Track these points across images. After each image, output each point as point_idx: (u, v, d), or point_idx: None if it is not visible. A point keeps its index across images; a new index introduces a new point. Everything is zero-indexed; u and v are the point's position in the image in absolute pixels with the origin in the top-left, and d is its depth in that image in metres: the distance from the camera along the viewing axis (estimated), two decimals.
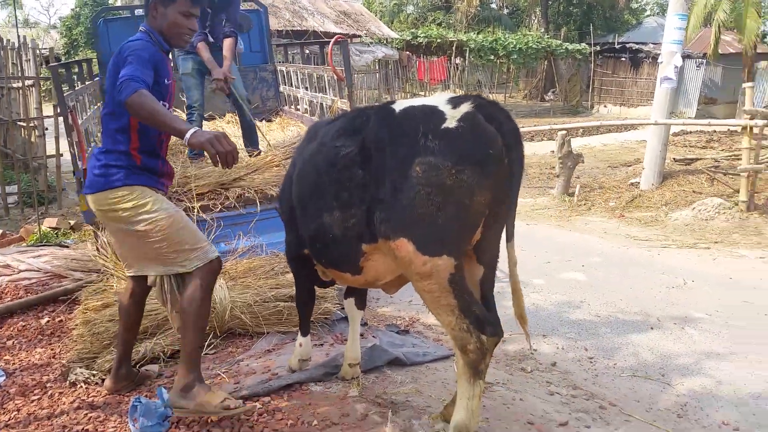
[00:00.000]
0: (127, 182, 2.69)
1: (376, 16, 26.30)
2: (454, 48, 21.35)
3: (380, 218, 2.18)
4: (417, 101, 2.31)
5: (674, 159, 9.37)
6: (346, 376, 3.12)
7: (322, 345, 3.67)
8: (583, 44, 24.51)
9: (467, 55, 21.56)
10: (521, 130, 2.29)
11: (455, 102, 2.17)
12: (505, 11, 34.01)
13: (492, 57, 22.06)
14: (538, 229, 6.90)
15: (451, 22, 30.18)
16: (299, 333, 3.22)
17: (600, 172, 10.07)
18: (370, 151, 2.23)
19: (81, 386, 3.21)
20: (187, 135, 2.39)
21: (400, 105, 2.30)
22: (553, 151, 11.01)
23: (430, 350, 3.63)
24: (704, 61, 19.97)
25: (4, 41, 8.13)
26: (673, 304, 4.62)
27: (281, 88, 7.00)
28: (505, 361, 3.66)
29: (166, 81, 2.77)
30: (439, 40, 21.38)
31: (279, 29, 17.87)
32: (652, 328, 4.20)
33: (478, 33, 23.72)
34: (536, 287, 5.00)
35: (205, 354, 3.58)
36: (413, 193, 2.08)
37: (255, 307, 3.90)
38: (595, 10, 31.21)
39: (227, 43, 4.84)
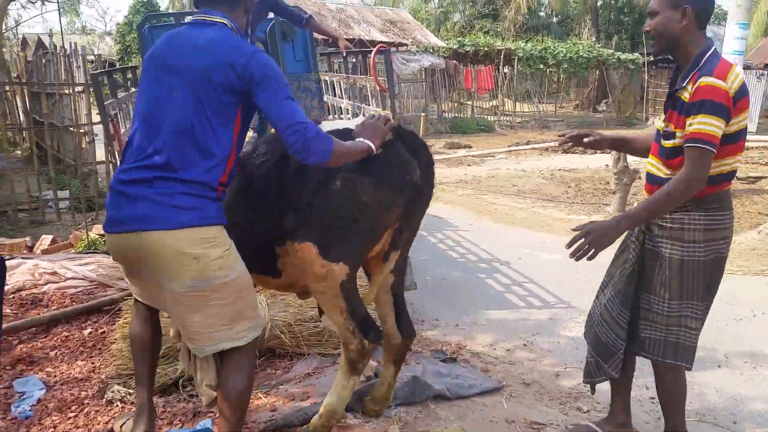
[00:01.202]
0: (221, 221, 2.16)
1: (422, 24, 26.17)
2: (501, 56, 21.03)
3: (291, 222, 2.33)
4: (347, 123, 2.50)
5: (737, 177, 8.91)
6: None
7: None
8: (636, 54, 23.85)
9: (516, 63, 21.22)
10: None
11: None
12: (554, 20, 33.45)
13: (541, 66, 21.64)
14: None
15: (498, 30, 29.83)
16: None
17: None
18: (294, 162, 2.32)
19: (117, 405, 3.13)
20: (375, 148, 2.27)
21: (328, 126, 2.45)
22: (607, 165, 10.65)
23: (477, 382, 3.42)
24: (765, 72, 19.14)
25: (58, 48, 8.28)
26: (741, 338, 4.27)
27: (325, 98, 6.92)
28: (559, 398, 3.42)
29: None
30: (486, 49, 21.11)
31: (325, 38, 17.89)
32: (719, 366, 3.88)
33: (526, 41, 23.35)
34: None
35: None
36: (330, 202, 2.27)
37: (295, 327, 3.79)
38: None
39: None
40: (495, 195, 9.61)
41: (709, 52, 2.41)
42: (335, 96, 6.61)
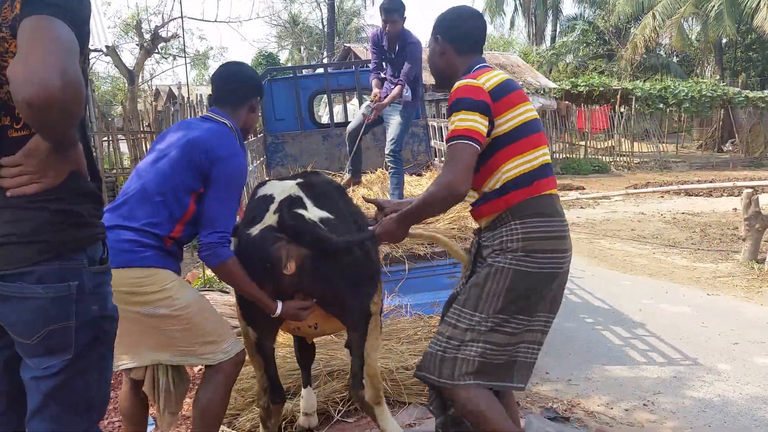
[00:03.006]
0: (154, 264, 2.41)
1: (533, 66, 25.90)
2: (618, 96, 20.31)
3: None
4: (281, 186, 2.70)
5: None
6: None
7: None
8: (767, 92, 22.23)
9: (633, 103, 20.40)
10: (685, 186, 2.22)
11: (280, 205, 2.55)
12: (675, 59, 31.95)
13: (661, 105, 20.64)
14: (721, 302, 6.00)
15: (614, 70, 28.93)
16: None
17: None
18: None
19: None
20: (278, 310, 2.50)
21: (266, 188, 2.76)
22: (736, 209, 9.86)
23: None
24: None
25: (185, 99, 8.89)
26: None
27: (432, 143, 6.94)
28: None
29: None
30: (601, 89, 20.47)
31: (434, 83, 18.03)
32: None
33: (644, 81, 22.39)
34: (722, 374, 4.26)
35: (344, 421, 3.41)
36: None
37: (396, 374, 3.70)
38: None
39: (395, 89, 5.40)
40: (611, 239, 9.12)
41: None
42: (443, 141, 6.63)
